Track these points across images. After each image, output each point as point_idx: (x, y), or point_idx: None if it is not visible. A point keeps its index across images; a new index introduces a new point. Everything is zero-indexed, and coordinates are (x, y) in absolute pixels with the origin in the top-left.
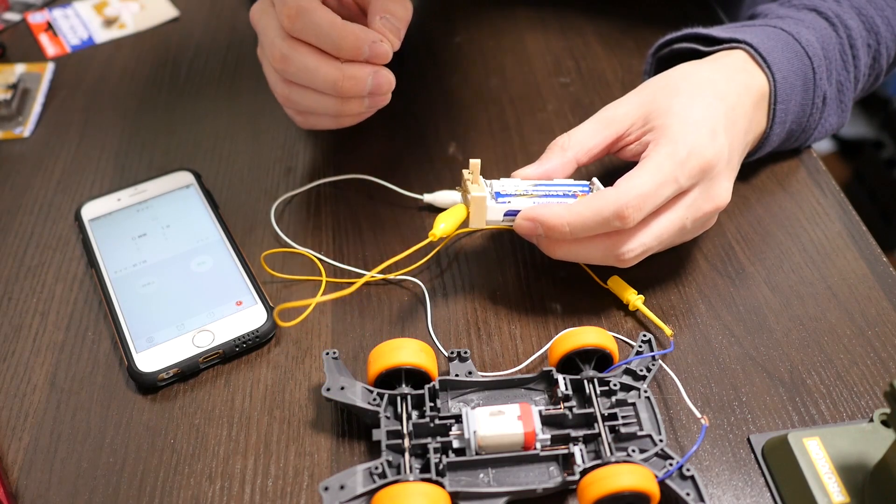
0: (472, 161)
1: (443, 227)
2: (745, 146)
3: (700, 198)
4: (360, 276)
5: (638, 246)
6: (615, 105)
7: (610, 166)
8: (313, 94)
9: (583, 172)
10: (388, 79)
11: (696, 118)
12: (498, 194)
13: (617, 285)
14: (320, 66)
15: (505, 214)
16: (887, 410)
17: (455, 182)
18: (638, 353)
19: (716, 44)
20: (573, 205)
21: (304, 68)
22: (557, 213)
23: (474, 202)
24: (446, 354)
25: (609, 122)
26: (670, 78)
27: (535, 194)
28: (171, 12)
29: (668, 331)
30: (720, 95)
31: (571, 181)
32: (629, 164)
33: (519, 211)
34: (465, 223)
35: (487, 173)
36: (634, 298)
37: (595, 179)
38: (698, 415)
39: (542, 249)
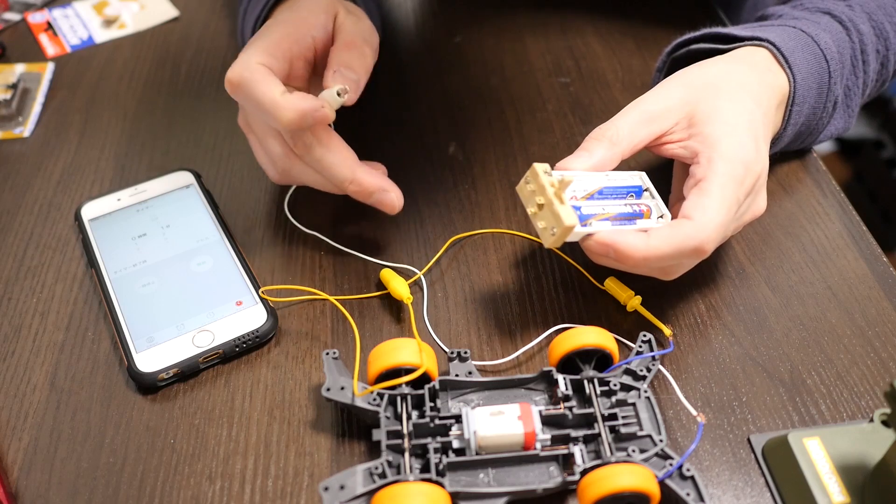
0: (565, 176)
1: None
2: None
3: (745, 209)
4: (360, 257)
5: (691, 264)
6: (655, 98)
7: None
8: (315, 176)
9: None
10: (393, 203)
11: (743, 128)
12: (579, 215)
13: (614, 286)
14: (337, 162)
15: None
16: (887, 410)
17: (454, 182)
18: (638, 353)
19: (735, 42)
20: (651, 238)
21: (319, 159)
22: (634, 245)
23: (564, 231)
24: (447, 353)
25: (653, 118)
26: (710, 76)
27: (611, 214)
28: (171, 12)
29: (667, 331)
30: (757, 100)
31: (626, 181)
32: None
33: (594, 233)
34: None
35: (488, 173)
36: (631, 299)
37: (644, 174)
38: (693, 412)
39: (585, 252)
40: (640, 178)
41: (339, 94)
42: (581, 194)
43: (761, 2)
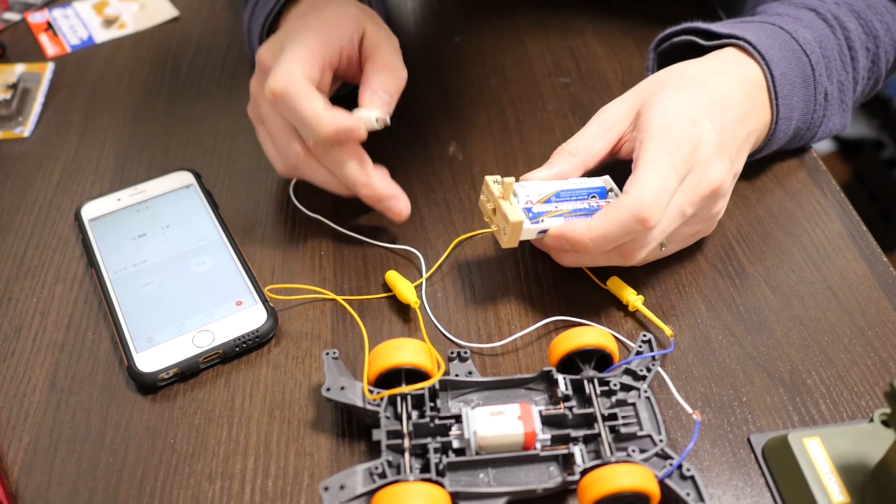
0: (505, 180)
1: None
2: (745, 134)
3: (694, 181)
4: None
5: (645, 240)
6: (612, 108)
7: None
8: (326, 175)
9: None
10: (401, 210)
11: (677, 109)
12: (531, 214)
13: (616, 286)
14: (353, 164)
15: (537, 233)
16: (887, 410)
17: (454, 182)
18: (638, 353)
19: (714, 38)
20: (591, 221)
21: (337, 161)
22: (579, 229)
23: (512, 227)
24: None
25: (610, 126)
26: (660, 76)
27: (565, 210)
28: (171, 12)
29: (668, 331)
30: (707, 87)
31: (588, 184)
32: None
33: (547, 229)
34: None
35: (488, 173)
36: (634, 299)
37: (607, 177)
38: (689, 410)
39: (554, 258)
40: (605, 181)
41: (376, 121)
42: (536, 199)
43: (761, 0)
